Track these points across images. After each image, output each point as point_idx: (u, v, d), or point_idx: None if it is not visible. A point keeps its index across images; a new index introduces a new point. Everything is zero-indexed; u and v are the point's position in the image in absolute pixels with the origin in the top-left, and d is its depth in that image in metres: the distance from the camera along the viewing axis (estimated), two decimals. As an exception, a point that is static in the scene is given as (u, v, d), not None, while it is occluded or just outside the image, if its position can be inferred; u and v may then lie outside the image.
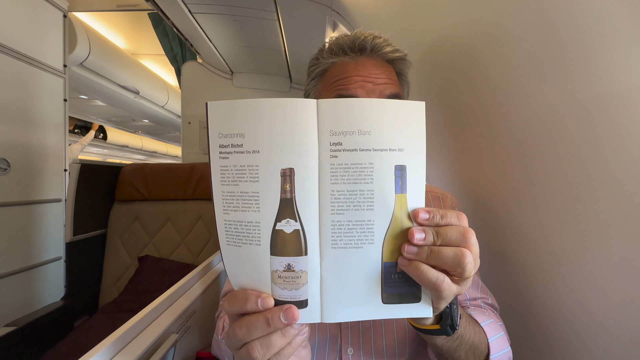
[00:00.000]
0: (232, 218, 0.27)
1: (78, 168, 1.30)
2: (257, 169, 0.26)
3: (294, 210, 0.27)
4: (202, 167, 1.51)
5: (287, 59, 2.03)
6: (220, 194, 0.27)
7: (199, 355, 0.68)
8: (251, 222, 0.27)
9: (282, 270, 0.27)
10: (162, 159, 7.52)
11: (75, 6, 1.90)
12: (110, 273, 1.40)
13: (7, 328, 1.01)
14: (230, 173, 0.27)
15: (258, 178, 0.26)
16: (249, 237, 0.27)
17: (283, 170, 0.26)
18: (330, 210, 0.27)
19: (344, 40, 0.52)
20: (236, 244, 0.27)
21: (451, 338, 0.39)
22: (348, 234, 0.27)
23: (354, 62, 0.51)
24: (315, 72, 0.56)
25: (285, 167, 0.26)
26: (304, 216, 0.27)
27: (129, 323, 0.51)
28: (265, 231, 0.27)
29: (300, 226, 0.27)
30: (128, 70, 3.02)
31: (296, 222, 0.27)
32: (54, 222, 1.70)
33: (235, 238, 0.27)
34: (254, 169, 0.26)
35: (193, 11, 1.47)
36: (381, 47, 0.51)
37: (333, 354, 0.53)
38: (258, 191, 0.26)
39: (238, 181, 0.27)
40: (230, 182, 0.27)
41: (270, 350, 0.27)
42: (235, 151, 0.26)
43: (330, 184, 0.27)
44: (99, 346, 0.45)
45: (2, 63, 1.45)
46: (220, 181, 0.27)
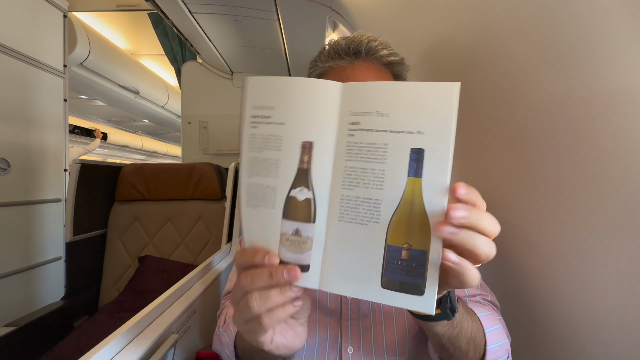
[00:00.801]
0: (253, 181, 0.30)
1: (78, 168, 1.30)
2: (281, 139, 0.29)
3: (308, 180, 0.29)
4: (202, 167, 1.51)
5: (287, 59, 2.03)
6: (247, 159, 0.29)
7: (199, 355, 0.68)
8: (269, 187, 0.29)
9: (290, 233, 0.29)
10: (162, 159, 7.52)
11: (75, 6, 1.90)
12: (110, 273, 1.40)
13: (7, 328, 1.01)
14: (257, 141, 0.29)
15: (280, 147, 0.29)
16: (265, 200, 0.29)
17: (303, 143, 0.28)
18: (341, 185, 0.28)
19: (340, 43, 0.52)
20: (254, 205, 0.30)
21: (452, 325, 0.38)
22: (355, 209, 0.28)
23: (350, 66, 0.51)
24: (313, 75, 0.56)
25: (306, 140, 0.28)
26: (317, 187, 0.29)
27: (129, 323, 0.51)
28: (280, 196, 0.29)
29: (312, 195, 0.29)
30: (128, 70, 3.02)
31: (309, 191, 0.29)
32: (54, 222, 1.71)
33: (254, 200, 0.30)
34: (278, 138, 0.29)
35: (193, 11, 1.47)
36: (376, 51, 0.50)
37: (333, 353, 0.54)
38: (279, 159, 0.29)
39: (263, 149, 0.29)
40: (256, 150, 0.29)
41: (266, 303, 0.28)
42: (264, 122, 0.29)
43: (344, 160, 0.28)
44: (99, 346, 0.45)
45: (2, 63, 1.45)
46: (249, 148, 0.29)
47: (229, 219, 1.19)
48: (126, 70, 2.99)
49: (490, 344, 0.44)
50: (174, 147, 7.58)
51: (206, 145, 2.46)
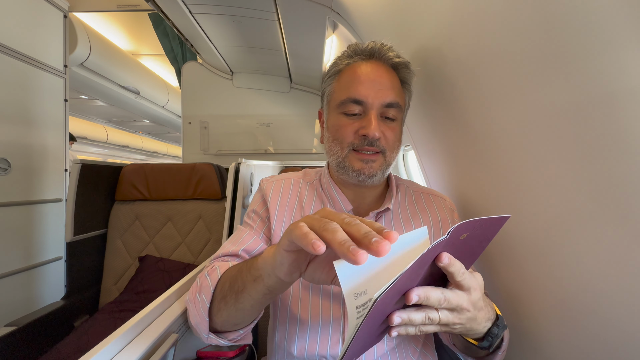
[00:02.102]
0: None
1: (78, 168, 1.30)
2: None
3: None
4: (203, 167, 1.51)
5: (287, 59, 2.04)
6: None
7: (199, 355, 0.68)
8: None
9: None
10: (163, 159, 7.53)
11: (76, 6, 1.90)
12: (111, 273, 1.41)
13: (7, 328, 1.01)
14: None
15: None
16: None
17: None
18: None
19: (358, 45, 0.60)
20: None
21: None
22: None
23: (365, 62, 0.59)
24: (332, 71, 0.62)
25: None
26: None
27: (129, 323, 0.51)
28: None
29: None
30: (128, 70, 3.03)
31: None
32: (54, 222, 1.71)
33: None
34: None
35: (193, 11, 1.47)
36: (386, 52, 0.58)
37: (336, 334, 0.57)
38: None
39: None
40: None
41: (349, 227, 0.31)
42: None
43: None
44: (100, 346, 0.45)
45: (3, 63, 1.45)
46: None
47: (229, 219, 1.19)
48: (127, 70, 3.00)
49: (504, 339, 0.47)
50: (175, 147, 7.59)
51: (206, 145, 2.46)
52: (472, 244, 0.36)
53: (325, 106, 0.64)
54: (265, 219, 0.64)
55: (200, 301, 0.50)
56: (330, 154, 0.61)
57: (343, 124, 0.58)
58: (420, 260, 0.29)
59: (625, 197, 0.37)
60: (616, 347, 0.45)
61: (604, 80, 0.35)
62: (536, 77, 0.43)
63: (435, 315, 0.36)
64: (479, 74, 0.54)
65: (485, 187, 0.64)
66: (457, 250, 0.35)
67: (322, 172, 0.69)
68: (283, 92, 2.48)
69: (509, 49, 0.46)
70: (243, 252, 0.59)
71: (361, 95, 0.56)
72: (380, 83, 0.56)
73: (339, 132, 0.58)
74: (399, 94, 0.59)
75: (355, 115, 0.57)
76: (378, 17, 0.88)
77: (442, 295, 0.35)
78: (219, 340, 0.51)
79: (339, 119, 0.59)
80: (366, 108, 0.56)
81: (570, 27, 0.36)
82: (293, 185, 0.68)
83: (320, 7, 1.26)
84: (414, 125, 0.91)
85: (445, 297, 0.35)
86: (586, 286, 0.47)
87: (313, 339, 0.57)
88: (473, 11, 0.50)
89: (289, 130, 2.52)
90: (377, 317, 0.31)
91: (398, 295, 0.32)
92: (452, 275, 0.35)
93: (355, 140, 0.57)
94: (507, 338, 0.48)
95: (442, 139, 0.76)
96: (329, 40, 1.68)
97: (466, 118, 0.62)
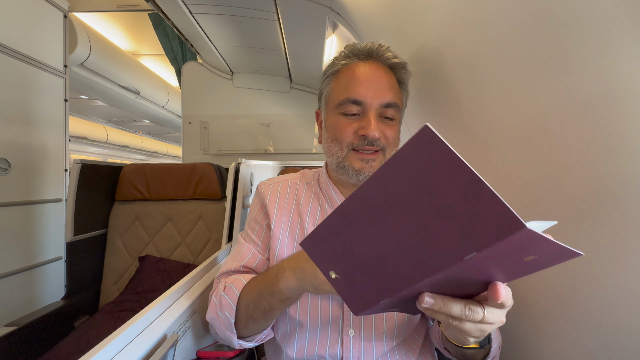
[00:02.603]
0: None
1: (78, 168, 1.30)
2: None
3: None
4: (203, 167, 1.51)
5: (287, 59, 2.04)
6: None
7: (199, 355, 0.68)
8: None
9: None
10: (163, 159, 7.53)
11: (76, 6, 1.90)
12: (111, 273, 1.41)
13: (7, 328, 1.01)
14: None
15: None
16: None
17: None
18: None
19: (356, 46, 0.61)
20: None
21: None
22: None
23: (363, 63, 0.59)
24: (329, 71, 0.62)
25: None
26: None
27: (129, 323, 0.51)
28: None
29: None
30: (128, 70, 3.03)
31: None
32: (54, 222, 1.71)
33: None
34: None
35: (193, 11, 1.47)
36: (383, 52, 0.59)
37: (335, 334, 0.57)
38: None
39: None
40: None
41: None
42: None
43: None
44: (100, 346, 0.45)
45: (3, 63, 1.45)
46: None
47: (229, 219, 1.19)
48: (127, 70, 3.00)
49: (494, 344, 0.47)
50: (175, 147, 7.59)
51: (206, 145, 2.46)
52: (529, 269, 0.28)
53: (323, 106, 0.64)
54: (264, 225, 0.66)
55: (224, 318, 0.55)
56: (329, 154, 0.61)
57: (342, 124, 0.58)
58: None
59: (625, 197, 0.37)
60: (616, 347, 0.45)
61: (604, 80, 0.35)
62: (536, 77, 0.43)
63: (479, 310, 0.31)
64: (479, 73, 0.54)
65: (485, 187, 0.64)
66: (509, 270, 0.27)
67: (320, 173, 0.70)
68: (283, 92, 2.48)
69: (509, 48, 0.46)
70: (243, 267, 0.64)
71: (360, 95, 0.56)
72: (379, 83, 0.57)
73: (338, 132, 0.59)
74: (396, 94, 0.59)
75: (354, 116, 0.58)
76: (378, 17, 0.88)
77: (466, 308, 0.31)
78: (248, 344, 0.57)
79: (338, 119, 0.59)
80: (365, 108, 0.57)
81: (570, 27, 0.36)
82: (290, 187, 0.68)
83: (320, 7, 1.26)
84: (414, 125, 0.91)
85: (470, 310, 0.31)
86: (586, 286, 0.47)
87: (312, 339, 0.57)
88: (473, 11, 0.50)
89: (289, 130, 2.52)
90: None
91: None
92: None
93: (355, 140, 0.57)
94: (499, 340, 0.48)
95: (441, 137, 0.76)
96: (329, 40, 1.68)
97: (466, 118, 0.62)
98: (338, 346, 0.56)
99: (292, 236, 0.62)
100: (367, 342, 0.56)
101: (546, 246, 0.23)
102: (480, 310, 0.31)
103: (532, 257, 0.25)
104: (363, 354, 0.56)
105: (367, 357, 0.56)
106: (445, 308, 0.30)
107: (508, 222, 0.21)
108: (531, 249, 0.23)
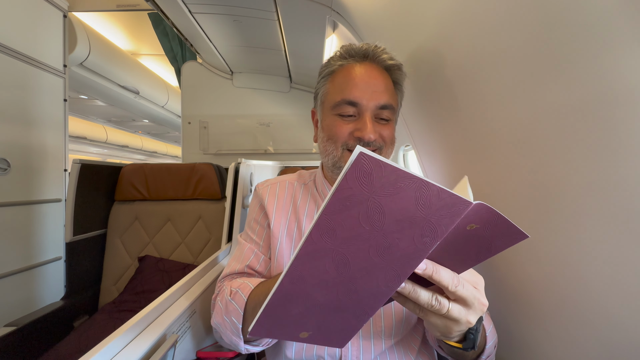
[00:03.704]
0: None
1: (78, 168, 1.30)
2: None
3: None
4: (202, 167, 1.51)
5: (287, 59, 2.03)
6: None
7: (199, 355, 0.68)
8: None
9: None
10: (162, 159, 7.52)
11: (75, 6, 1.90)
12: (110, 273, 1.40)
13: (7, 328, 1.01)
14: None
15: None
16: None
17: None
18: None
19: (352, 47, 0.61)
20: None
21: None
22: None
23: (358, 64, 0.59)
24: (325, 72, 0.62)
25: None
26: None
27: (129, 323, 0.51)
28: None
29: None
30: (128, 70, 3.02)
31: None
32: (54, 222, 1.71)
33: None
34: None
35: (193, 11, 1.47)
36: (380, 54, 0.59)
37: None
38: None
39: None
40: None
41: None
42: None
43: None
44: (100, 346, 0.45)
45: (2, 63, 1.45)
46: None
47: (229, 219, 1.19)
48: (126, 70, 2.99)
49: (489, 342, 0.47)
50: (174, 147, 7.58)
51: (206, 145, 2.46)
52: (475, 244, 0.30)
53: (319, 106, 0.64)
54: (265, 225, 0.66)
55: (230, 323, 0.53)
56: (325, 154, 0.61)
57: (338, 124, 0.58)
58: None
59: (625, 196, 0.37)
60: (616, 347, 0.45)
61: (604, 80, 0.35)
62: (536, 77, 0.43)
63: (445, 303, 0.33)
64: (479, 73, 0.54)
65: (485, 187, 0.64)
66: (455, 244, 0.29)
67: (316, 173, 0.70)
68: (283, 91, 2.48)
69: (509, 49, 0.46)
70: (247, 268, 0.63)
71: (356, 97, 0.56)
72: (375, 85, 0.57)
73: (333, 131, 0.59)
74: (392, 96, 0.59)
75: (350, 117, 0.58)
76: (378, 17, 0.88)
77: (456, 277, 0.32)
78: (255, 348, 0.55)
79: (334, 119, 0.59)
80: (361, 110, 0.57)
81: (571, 27, 0.36)
82: (288, 187, 0.69)
83: (320, 6, 1.26)
84: (414, 125, 0.91)
85: (459, 281, 0.32)
86: (586, 286, 0.47)
87: None
88: (473, 11, 0.50)
89: (289, 130, 2.52)
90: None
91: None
92: (442, 288, 0.32)
93: (350, 141, 0.58)
94: (494, 338, 0.48)
95: (442, 139, 0.76)
96: (329, 40, 1.68)
97: (466, 118, 0.62)
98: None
99: (289, 237, 0.63)
100: (365, 340, 0.57)
101: (485, 214, 0.27)
102: (446, 303, 0.33)
103: (474, 226, 0.28)
104: (362, 352, 0.56)
105: (365, 355, 0.56)
106: (414, 294, 0.32)
107: (459, 206, 0.24)
108: (472, 217, 0.27)
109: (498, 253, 0.32)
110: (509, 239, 0.30)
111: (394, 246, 0.26)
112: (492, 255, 0.32)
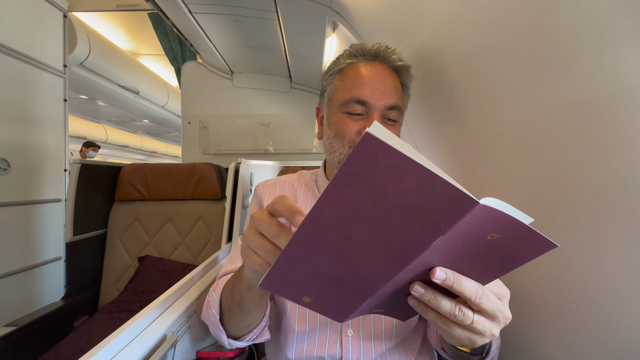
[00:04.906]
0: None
1: (78, 168, 1.30)
2: None
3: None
4: (202, 167, 1.51)
5: (287, 59, 2.03)
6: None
7: (199, 355, 0.68)
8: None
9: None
10: (162, 159, 7.53)
11: (75, 6, 1.90)
12: (110, 273, 1.40)
13: (7, 328, 1.01)
14: None
15: None
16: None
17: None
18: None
19: (362, 46, 0.60)
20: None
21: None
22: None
23: (368, 63, 0.59)
24: (333, 69, 0.62)
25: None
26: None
27: (129, 323, 0.51)
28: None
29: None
30: (128, 70, 3.03)
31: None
32: (54, 222, 1.71)
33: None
34: None
35: (193, 11, 1.47)
36: (389, 55, 0.59)
37: (334, 335, 0.57)
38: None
39: None
40: None
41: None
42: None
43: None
44: (99, 346, 0.45)
45: (2, 63, 1.45)
46: None
47: (229, 219, 1.19)
48: (126, 70, 3.00)
49: (494, 345, 0.46)
50: (174, 147, 7.58)
51: (206, 145, 2.46)
52: (499, 254, 0.28)
53: (325, 104, 0.64)
54: None
55: (212, 315, 0.54)
56: (330, 150, 0.61)
57: (345, 122, 0.58)
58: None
59: (625, 197, 0.37)
60: (616, 347, 0.45)
61: (604, 80, 0.35)
62: (536, 77, 0.43)
63: (469, 314, 0.30)
64: (479, 73, 0.54)
65: (485, 187, 0.64)
66: (477, 254, 0.28)
67: (318, 173, 0.70)
68: (283, 91, 2.48)
69: (509, 49, 0.46)
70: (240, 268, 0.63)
71: (365, 96, 0.56)
72: (384, 85, 0.57)
73: (340, 128, 0.58)
74: (400, 97, 0.59)
75: (358, 115, 0.58)
76: (378, 17, 0.88)
77: (480, 288, 0.30)
78: (239, 343, 0.55)
79: (342, 117, 0.59)
80: (369, 109, 0.57)
81: (571, 27, 0.36)
82: (288, 187, 0.68)
83: (320, 6, 1.26)
84: (414, 125, 0.91)
85: (484, 292, 0.30)
86: (586, 286, 0.47)
87: (311, 340, 0.57)
88: (473, 11, 0.50)
89: (289, 130, 2.52)
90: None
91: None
92: (466, 299, 0.30)
93: (357, 139, 0.57)
94: (498, 342, 0.48)
95: (443, 139, 0.76)
96: (329, 40, 1.68)
97: (466, 118, 0.62)
98: (337, 346, 0.56)
99: None
100: (365, 342, 0.57)
101: (505, 222, 0.26)
102: (470, 314, 0.30)
103: (495, 235, 0.27)
104: (362, 354, 0.56)
105: (366, 357, 0.56)
106: (435, 302, 0.30)
107: (463, 202, 0.23)
108: (490, 225, 0.26)
109: (525, 263, 0.29)
110: (536, 249, 0.28)
111: (395, 231, 0.26)
112: (519, 265, 0.30)
